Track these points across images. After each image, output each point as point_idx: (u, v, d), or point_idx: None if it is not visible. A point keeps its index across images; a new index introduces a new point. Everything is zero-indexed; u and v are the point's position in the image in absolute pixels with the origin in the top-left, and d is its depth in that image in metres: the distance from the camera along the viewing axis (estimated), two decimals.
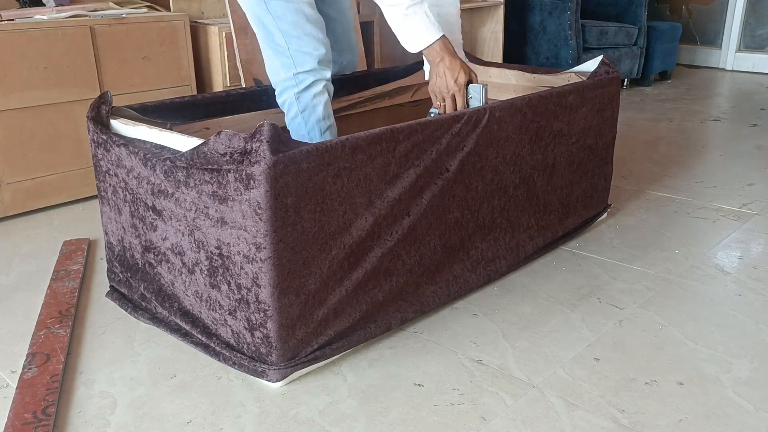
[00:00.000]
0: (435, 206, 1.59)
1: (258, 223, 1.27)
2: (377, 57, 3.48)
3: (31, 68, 2.26)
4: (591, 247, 2.06)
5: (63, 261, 1.96)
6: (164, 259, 1.51)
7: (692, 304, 1.74)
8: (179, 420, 1.31)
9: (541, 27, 4.01)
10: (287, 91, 1.82)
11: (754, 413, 1.32)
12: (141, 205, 1.52)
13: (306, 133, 1.83)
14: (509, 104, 1.72)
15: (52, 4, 2.51)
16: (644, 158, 2.98)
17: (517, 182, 1.81)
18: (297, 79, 1.80)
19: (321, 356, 1.43)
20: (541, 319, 1.67)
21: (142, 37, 2.49)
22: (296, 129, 1.84)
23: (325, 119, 1.85)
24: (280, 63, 1.80)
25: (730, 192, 2.55)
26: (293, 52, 1.78)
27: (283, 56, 1.79)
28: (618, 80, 2.08)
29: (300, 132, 1.84)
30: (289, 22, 1.77)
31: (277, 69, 1.82)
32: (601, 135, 2.08)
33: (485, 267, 1.77)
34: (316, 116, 1.83)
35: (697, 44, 5.45)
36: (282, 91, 1.83)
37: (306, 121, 1.83)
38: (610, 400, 1.36)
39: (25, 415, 1.29)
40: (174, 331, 1.54)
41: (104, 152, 1.57)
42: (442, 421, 1.30)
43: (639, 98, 4.26)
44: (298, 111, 1.82)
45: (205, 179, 1.33)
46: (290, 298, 1.34)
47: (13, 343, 1.58)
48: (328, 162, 1.33)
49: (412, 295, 1.60)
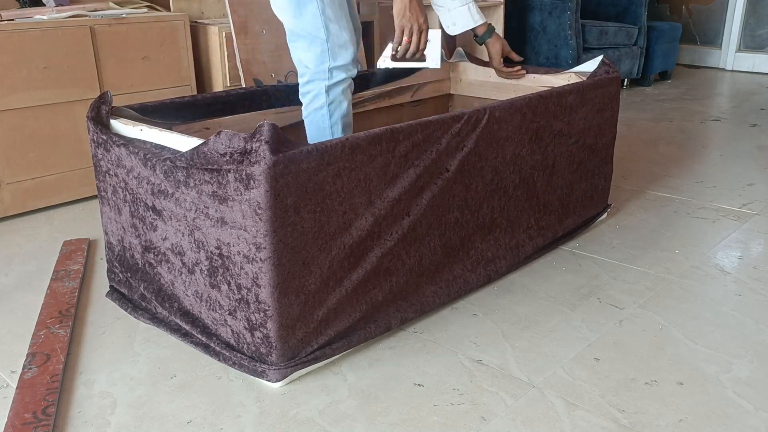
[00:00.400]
0: (435, 206, 1.59)
1: (258, 223, 1.27)
2: (377, 57, 3.48)
3: (31, 68, 2.26)
4: (591, 247, 2.06)
5: (63, 261, 1.96)
6: (164, 259, 1.51)
7: (692, 304, 1.74)
8: (179, 420, 1.31)
9: (541, 27, 4.01)
10: (317, 82, 1.82)
11: (754, 413, 1.32)
12: (141, 205, 1.52)
13: (329, 126, 1.86)
14: (509, 104, 1.72)
15: (52, 4, 2.51)
16: (644, 158, 2.98)
17: (517, 182, 1.81)
18: (331, 73, 1.81)
19: (321, 356, 1.43)
20: (541, 319, 1.67)
21: (142, 37, 2.49)
22: (318, 120, 1.86)
23: (347, 115, 1.89)
24: (314, 54, 1.80)
25: (730, 192, 2.55)
26: (332, 45, 1.79)
27: (320, 47, 1.79)
28: (618, 80, 2.08)
29: (322, 124, 1.86)
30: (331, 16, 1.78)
31: (309, 59, 1.81)
32: (601, 135, 2.08)
33: (485, 267, 1.77)
34: (341, 111, 1.86)
35: (697, 44, 5.45)
36: (310, 81, 1.83)
37: (331, 114, 1.84)
38: (610, 400, 1.36)
39: (25, 415, 1.29)
40: (174, 331, 1.54)
41: (104, 152, 1.57)
42: (442, 421, 1.30)
43: (639, 98, 4.26)
44: (325, 103, 1.83)
45: (205, 179, 1.33)
46: (290, 298, 1.34)
47: (13, 343, 1.58)
48: (328, 162, 1.33)
49: (412, 295, 1.60)
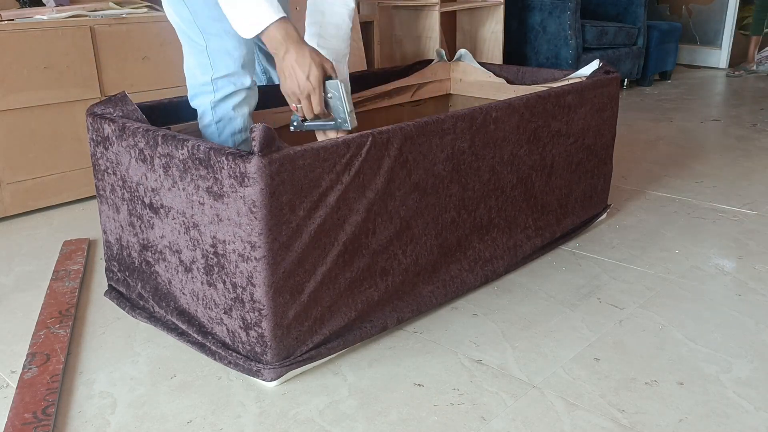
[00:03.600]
0: (431, 205, 1.59)
1: (253, 222, 1.27)
2: (377, 57, 3.48)
3: (31, 68, 2.26)
4: (591, 247, 2.06)
5: (63, 261, 1.96)
6: (161, 257, 1.51)
7: (692, 304, 1.73)
8: (179, 420, 1.31)
9: (541, 27, 4.01)
10: (202, 96, 1.63)
11: (754, 413, 1.32)
12: (138, 203, 1.52)
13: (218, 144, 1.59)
14: (507, 104, 1.72)
15: (52, 4, 2.51)
16: (644, 158, 2.98)
17: (515, 182, 1.81)
18: (214, 85, 1.60)
19: (316, 356, 1.43)
20: (541, 319, 1.67)
21: (142, 37, 2.49)
22: (209, 137, 1.66)
23: (242, 131, 1.67)
24: (197, 63, 1.61)
25: (730, 192, 2.55)
26: (211, 51, 1.58)
27: (201, 56, 1.59)
28: (617, 80, 2.08)
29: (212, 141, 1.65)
30: (208, 17, 1.55)
31: (193, 70, 1.63)
32: (600, 135, 2.08)
33: (482, 267, 1.77)
34: (232, 128, 1.65)
35: (697, 44, 5.45)
36: (196, 95, 1.64)
37: (220, 132, 1.65)
38: (610, 400, 1.36)
39: (25, 415, 1.29)
40: (171, 330, 1.54)
41: (103, 150, 1.58)
42: (442, 421, 1.30)
43: (639, 98, 4.26)
44: (212, 120, 1.64)
45: (201, 177, 1.33)
46: (285, 297, 1.34)
47: (13, 343, 1.58)
48: (323, 159, 1.33)
49: (409, 295, 1.60)
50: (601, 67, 2.10)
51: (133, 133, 1.48)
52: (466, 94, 2.52)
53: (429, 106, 2.51)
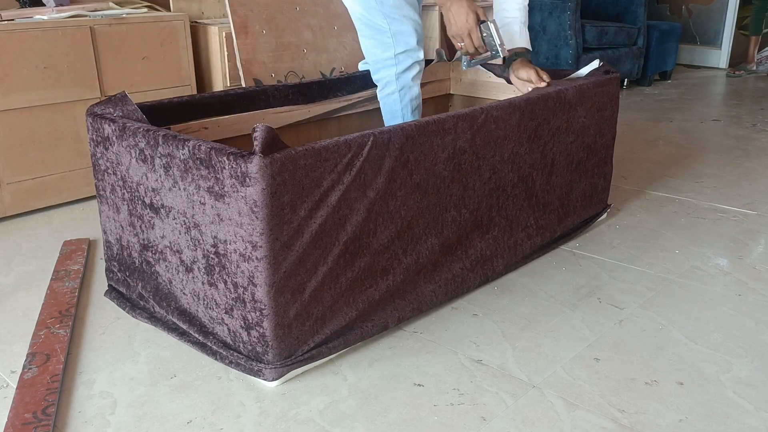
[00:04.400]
0: (432, 205, 1.59)
1: (254, 221, 1.27)
2: None
3: (31, 68, 2.26)
4: (591, 247, 2.06)
5: (63, 261, 1.96)
6: (162, 257, 1.51)
7: (692, 304, 1.74)
8: (179, 420, 1.31)
9: (541, 27, 4.01)
10: (386, 70, 2.02)
11: (754, 413, 1.32)
12: (139, 203, 1.52)
13: (400, 109, 2.04)
14: (507, 103, 1.72)
15: (52, 4, 2.51)
16: (644, 158, 2.98)
17: (516, 181, 1.81)
18: (397, 60, 1.99)
19: (317, 355, 1.43)
20: (541, 319, 1.67)
21: (142, 37, 2.49)
22: (390, 104, 2.05)
23: (417, 98, 2.07)
24: (380, 43, 2.00)
25: (730, 192, 2.55)
26: (394, 32, 1.97)
27: (384, 36, 1.98)
28: (617, 80, 2.08)
29: (393, 107, 2.05)
30: (391, 5, 1.96)
31: (373, 49, 2.02)
32: (600, 134, 2.08)
33: (483, 266, 1.77)
34: (411, 95, 2.05)
35: (697, 44, 5.45)
36: (380, 69, 2.03)
37: (401, 99, 2.03)
38: (610, 400, 1.36)
39: (25, 415, 1.29)
40: (171, 330, 1.54)
41: (103, 150, 1.58)
42: (442, 421, 1.30)
43: (639, 98, 4.26)
44: (396, 89, 2.03)
45: (202, 176, 1.33)
46: (286, 297, 1.34)
47: (13, 343, 1.58)
48: (324, 159, 1.33)
49: (410, 294, 1.60)
50: (601, 66, 2.11)
51: (133, 133, 1.48)
52: (466, 94, 2.52)
53: (429, 106, 2.50)
